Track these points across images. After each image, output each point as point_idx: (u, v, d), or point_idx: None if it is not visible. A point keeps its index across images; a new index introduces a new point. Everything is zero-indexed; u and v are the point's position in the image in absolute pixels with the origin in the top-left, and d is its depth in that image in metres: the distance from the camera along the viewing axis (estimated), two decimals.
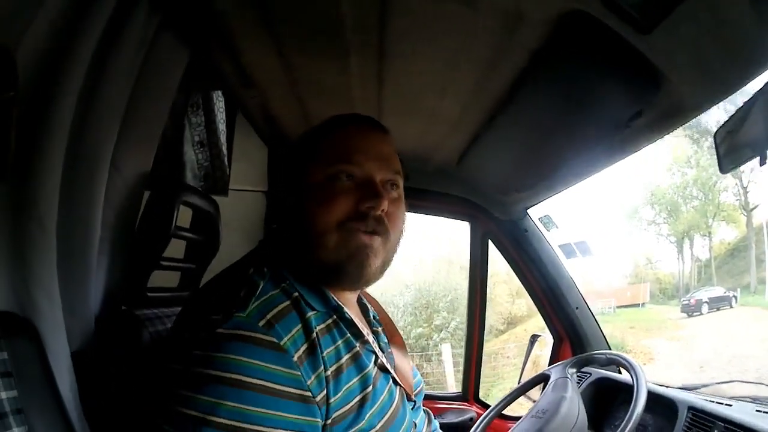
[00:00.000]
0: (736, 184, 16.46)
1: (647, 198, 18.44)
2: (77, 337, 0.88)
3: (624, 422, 0.84)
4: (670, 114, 0.84)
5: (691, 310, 13.28)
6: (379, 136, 0.73)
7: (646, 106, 0.83)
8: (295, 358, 0.55)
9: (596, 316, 1.56)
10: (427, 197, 1.61)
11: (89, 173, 0.84)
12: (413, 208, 1.61)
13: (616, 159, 1.05)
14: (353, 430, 0.59)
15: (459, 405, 1.74)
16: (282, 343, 0.55)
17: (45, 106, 0.72)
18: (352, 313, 0.70)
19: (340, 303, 0.66)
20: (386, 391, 0.68)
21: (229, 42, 0.92)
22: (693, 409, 0.98)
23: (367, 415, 0.61)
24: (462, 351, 1.84)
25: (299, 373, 0.55)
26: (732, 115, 0.74)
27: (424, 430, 0.82)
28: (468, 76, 0.93)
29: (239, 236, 0.82)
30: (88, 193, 0.85)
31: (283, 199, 0.71)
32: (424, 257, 12.03)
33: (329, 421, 0.57)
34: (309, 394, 0.55)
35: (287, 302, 0.60)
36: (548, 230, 1.57)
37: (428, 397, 1.78)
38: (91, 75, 0.78)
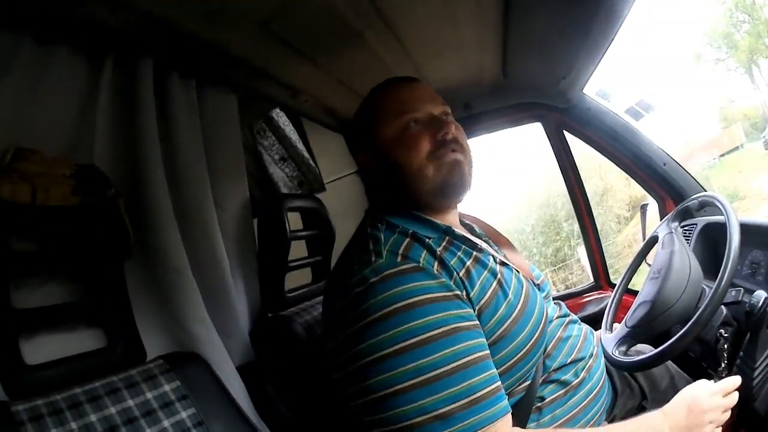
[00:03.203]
0: None
1: (703, 39, 17.18)
2: (237, 354, 1.04)
3: (724, 262, 0.81)
4: None
5: None
6: (418, 84, 0.88)
7: None
8: (435, 271, 0.70)
9: (704, 170, 1.49)
10: (492, 116, 1.67)
11: (201, 219, 1.02)
12: (486, 129, 1.73)
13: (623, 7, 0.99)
14: (499, 312, 0.74)
15: (596, 294, 1.78)
16: (420, 264, 0.71)
17: (141, 184, 0.88)
18: (461, 231, 0.85)
19: (448, 225, 0.81)
20: (513, 278, 0.81)
21: (263, 72, 1.04)
22: None
23: (507, 299, 0.76)
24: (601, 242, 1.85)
25: (444, 279, 0.70)
26: None
27: (557, 313, 0.92)
28: None
29: (351, 219, 0.96)
30: (205, 234, 1.03)
31: (371, 165, 0.86)
32: (536, 174, 11.63)
33: (476, 311, 0.72)
34: (457, 291, 0.70)
35: (408, 239, 0.75)
36: (608, 101, 1.52)
37: (566, 296, 1.86)
38: (164, 147, 0.93)
